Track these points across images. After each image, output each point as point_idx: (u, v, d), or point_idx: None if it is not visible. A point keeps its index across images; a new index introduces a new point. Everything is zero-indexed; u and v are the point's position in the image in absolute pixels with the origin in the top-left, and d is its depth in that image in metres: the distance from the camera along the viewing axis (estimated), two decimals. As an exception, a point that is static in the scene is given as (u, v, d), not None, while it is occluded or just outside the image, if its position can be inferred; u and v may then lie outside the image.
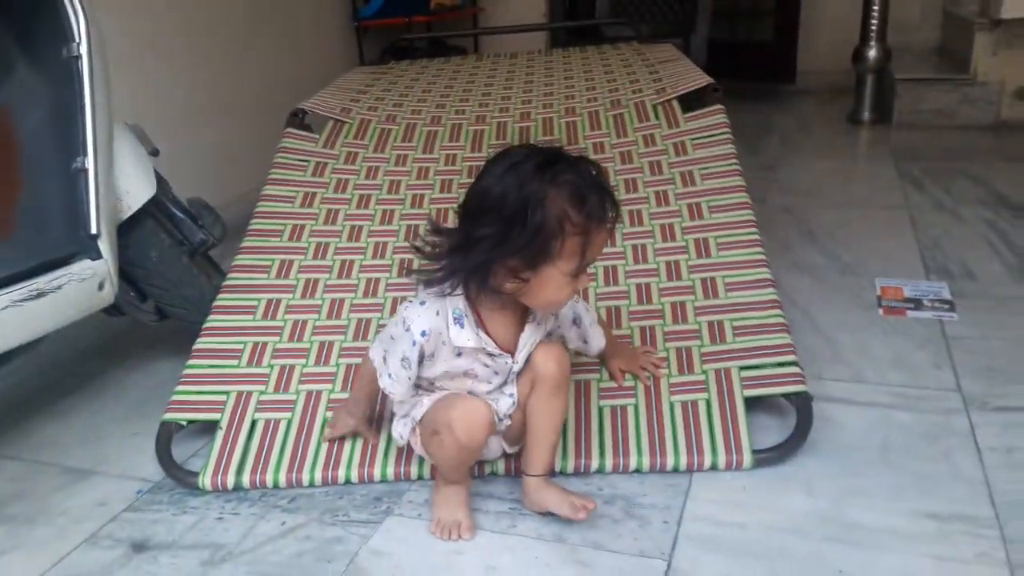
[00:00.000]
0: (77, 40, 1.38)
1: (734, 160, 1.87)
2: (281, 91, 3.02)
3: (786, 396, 1.39)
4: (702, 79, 2.12)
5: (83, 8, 1.38)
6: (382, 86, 2.48)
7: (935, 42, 4.35)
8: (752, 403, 1.38)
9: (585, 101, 2.23)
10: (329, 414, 1.41)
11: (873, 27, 3.65)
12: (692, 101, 2.11)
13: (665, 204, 1.82)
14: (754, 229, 1.70)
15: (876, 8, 3.60)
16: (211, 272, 1.77)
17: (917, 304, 1.85)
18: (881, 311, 1.84)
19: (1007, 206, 2.52)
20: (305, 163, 2.00)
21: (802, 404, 1.36)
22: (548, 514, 1.22)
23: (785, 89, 4.33)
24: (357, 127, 2.15)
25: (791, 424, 1.36)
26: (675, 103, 2.09)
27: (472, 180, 1.12)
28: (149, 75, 2.47)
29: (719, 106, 2.00)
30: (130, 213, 1.52)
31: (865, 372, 1.59)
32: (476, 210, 1.07)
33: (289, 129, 2.07)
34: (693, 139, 1.95)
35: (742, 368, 1.42)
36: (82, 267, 1.36)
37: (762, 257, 1.64)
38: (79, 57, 1.38)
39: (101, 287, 1.40)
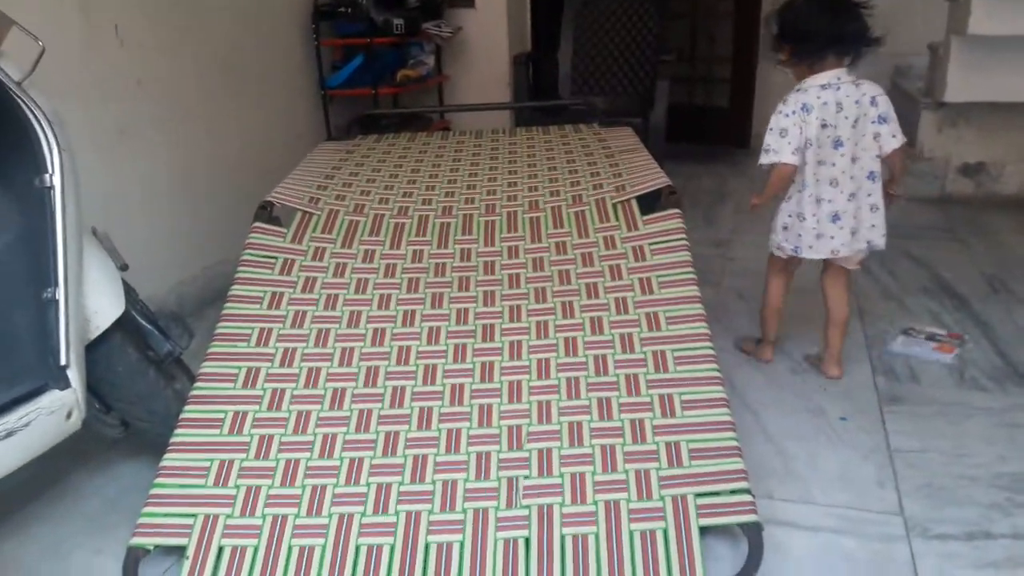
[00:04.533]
0: (50, 171, 1.39)
1: (690, 269, 1.94)
2: (251, 162, 3.05)
3: (739, 524, 1.45)
4: (660, 179, 2.19)
5: (57, 140, 1.40)
6: (349, 168, 2.51)
7: (883, 110, 4.52)
8: (705, 527, 1.44)
9: (548, 195, 2.29)
10: (296, 541, 1.43)
11: (825, 101, 3.78)
12: (650, 194, 2.18)
13: (625, 312, 1.88)
14: (709, 344, 1.76)
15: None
16: (179, 377, 1.78)
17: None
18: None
19: (950, 295, 2.64)
20: (273, 260, 2.02)
21: (753, 535, 1.42)
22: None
23: (741, 152, 4.46)
24: (325, 219, 2.18)
25: (742, 552, 1.42)
26: (634, 203, 2.16)
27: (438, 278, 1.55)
28: (118, 160, 2.47)
29: (676, 210, 2.08)
30: (99, 333, 1.53)
31: (813, 490, 1.66)
32: None
33: (257, 224, 2.09)
34: (651, 244, 2.02)
35: (698, 495, 1.47)
36: (51, 399, 1.37)
37: (716, 374, 1.70)
38: (52, 188, 1.39)
39: (69, 416, 1.41)
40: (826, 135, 1.95)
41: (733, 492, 1.47)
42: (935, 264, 2.90)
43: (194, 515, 1.48)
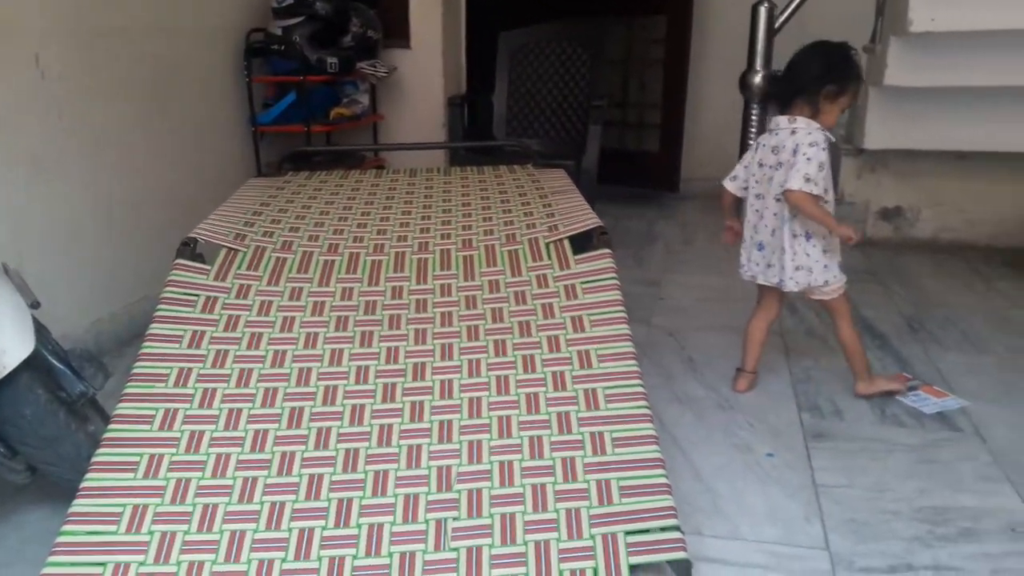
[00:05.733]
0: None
1: (620, 307, 1.95)
2: (177, 197, 2.98)
3: (668, 561, 1.44)
4: (592, 220, 2.21)
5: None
6: (279, 205, 2.47)
7: (807, 155, 4.69)
8: (635, 565, 1.43)
9: (482, 233, 2.29)
10: (212, 590, 1.37)
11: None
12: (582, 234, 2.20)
13: (557, 350, 1.87)
14: (639, 381, 1.77)
15: (754, 131, 3.86)
16: (93, 419, 1.70)
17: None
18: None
19: (871, 334, 2.71)
20: (194, 298, 1.96)
21: (682, 572, 1.41)
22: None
23: (670, 196, 4.55)
24: (251, 256, 2.13)
25: (672, 590, 1.41)
26: (566, 242, 2.17)
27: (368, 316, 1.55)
28: (34, 193, 2.38)
29: (606, 250, 2.09)
30: (5, 373, 1.45)
31: (741, 527, 1.67)
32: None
33: (179, 261, 2.03)
34: (583, 282, 2.03)
35: (628, 533, 1.46)
36: (-52, 442, 1.29)
37: (646, 411, 1.70)
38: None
39: (-32, 460, 1.33)
40: (763, 173, 2.18)
41: (663, 529, 1.47)
42: (857, 304, 2.98)
43: (104, 563, 1.41)
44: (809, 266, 2.14)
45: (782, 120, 2.14)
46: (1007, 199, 3.66)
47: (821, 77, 2.07)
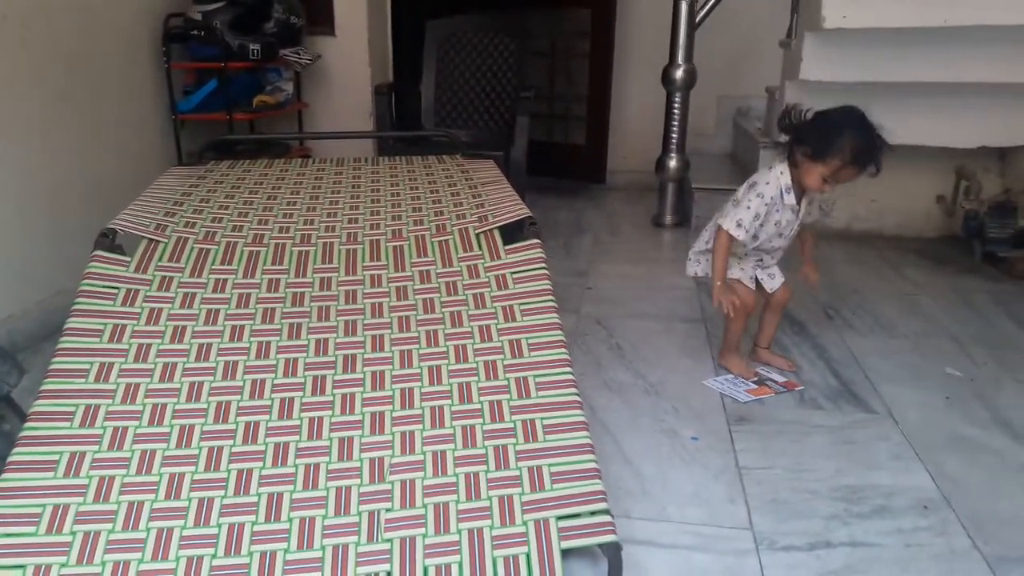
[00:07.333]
0: None
1: (550, 296, 1.97)
2: (93, 187, 2.87)
3: (599, 544, 1.48)
4: (521, 211, 2.23)
5: None
6: (201, 194, 2.41)
7: (728, 148, 4.82)
8: (567, 549, 1.45)
9: (412, 224, 2.28)
10: (138, 589, 1.34)
11: (674, 139, 3.99)
12: (512, 225, 2.22)
13: (488, 340, 1.89)
14: (568, 369, 1.80)
15: (676, 123, 3.95)
16: (9, 417, 1.64)
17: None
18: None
19: (789, 321, 2.81)
20: (114, 291, 1.90)
21: (612, 554, 1.44)
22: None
23: (597, 188, 4.62)
24: (173, 247, 2.07)
25: (603, 571, 1.44)
26: (496, 232, 2.19)
27: (295, 308, 1.65)
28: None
29: (536, 240, 2.11)
30: (-90, 371, 1.38)
31: (668, 509, 1.72)
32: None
33: (97, 252, 1.96)
34: (513, 272, 2.05)
35: (559, 518, 1.49)
36: None
37: (576, 398, 1.73)
38: None
39: None
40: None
41: (593, 513, 1.50)
42: (776, 292, 3.09)
43: (23, 566, 1.36)
44: (697, 259, 2.40)
45: (777, 159, 2.22)
46: (914, 190, 3.83)
47: (805, 135, 2.06)
